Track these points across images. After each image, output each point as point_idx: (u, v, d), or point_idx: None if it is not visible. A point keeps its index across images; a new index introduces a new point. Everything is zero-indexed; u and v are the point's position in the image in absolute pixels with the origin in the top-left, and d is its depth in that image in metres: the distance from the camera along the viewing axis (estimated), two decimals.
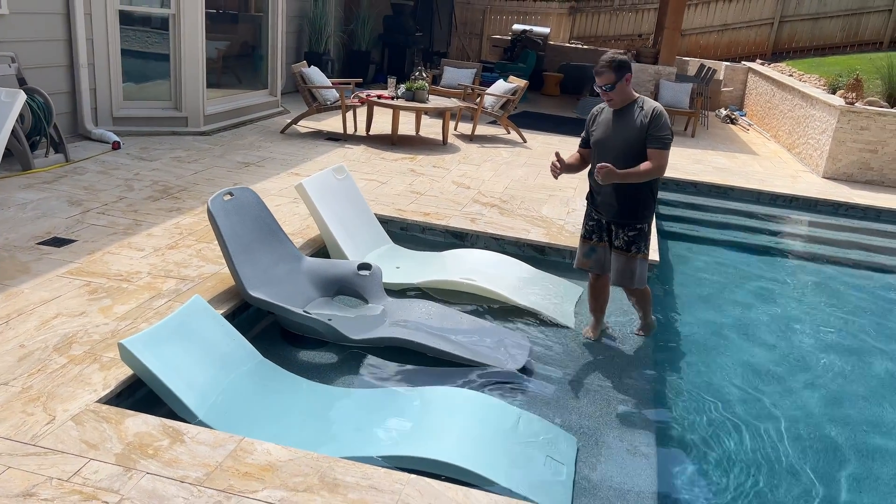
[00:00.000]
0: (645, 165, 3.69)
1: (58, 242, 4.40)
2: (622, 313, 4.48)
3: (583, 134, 4.05)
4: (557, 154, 3.87)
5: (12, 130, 5.56)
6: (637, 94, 3.81)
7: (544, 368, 3.80)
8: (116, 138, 6.83)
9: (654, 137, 3.69)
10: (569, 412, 3.43)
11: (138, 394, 3.03)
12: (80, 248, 4.35)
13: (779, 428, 3.55)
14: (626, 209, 3.85)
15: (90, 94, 6.99)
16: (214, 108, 8.05)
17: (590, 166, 3.99)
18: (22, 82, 6.01)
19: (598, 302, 4.27)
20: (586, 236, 4.10)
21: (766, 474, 3.19)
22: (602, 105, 3.93)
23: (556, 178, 3.92)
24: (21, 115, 5.72)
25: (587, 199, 4.09)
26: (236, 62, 9.38)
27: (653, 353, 4.15)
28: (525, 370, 3.72)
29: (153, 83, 7.66)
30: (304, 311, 3.81)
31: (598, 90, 3.75)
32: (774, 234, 6.97)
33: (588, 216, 4.08)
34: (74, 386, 2.90)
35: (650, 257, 4.28)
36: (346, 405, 3.24)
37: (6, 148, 5.55)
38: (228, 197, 4.02)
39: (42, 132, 5.97)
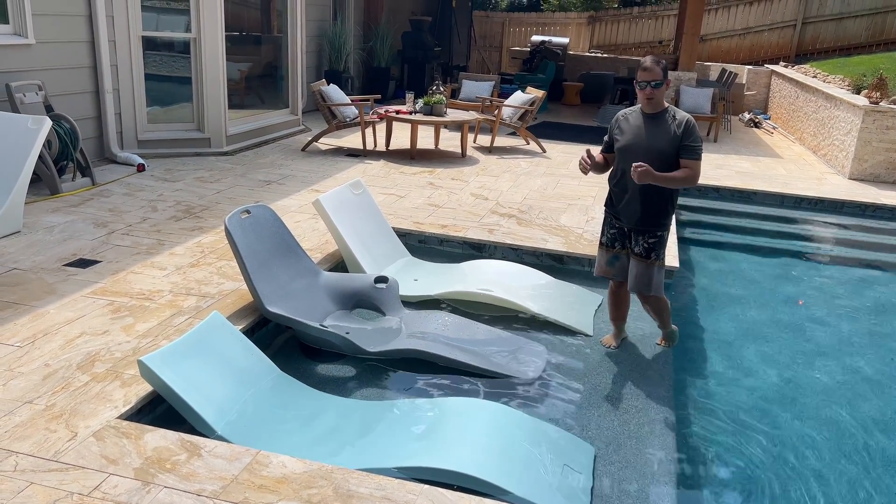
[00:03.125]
0: (681, 173, 3.69)
1: (83, 264, 4.51)
2: (642, 322, 4.45)
3: (605, 138, 4.02)
4: (589, 151, 3.81)
5: (40, 156, 5.73)
6: (666, 103, 3.81)
7: (562, 377, 3.79)
8: (141, 161, 6.99)
9: (689, 148, 3.69)
10: (587, 421, 3.41)
11: (159, 409, 3.08)
12: (105, 268, 4.45)
13: (804, 439, 3.49)
14: (648, 216, 3.83)
15: (115, 118, 7.16)
16: (236, 129, 8.20)
17: (610, 172, 3.99)
18: (49, 109, 6.19)
19: (619, 310, 4.24)
20: (608, 244, 4.07)
21: (791, 487, 3.13)
22: (627, 110, 3.90)
23: (585, 173, 3.87)
24: (48, 141, 5.89)
25: (606, 205, 4.07)
26: (258, 82, 9.54)
27: (673, 362, 4.11)
28: (542, 379, 3.71)
29: (176, 106, 7.83)
30: (321, 325, 3.84)
31: (640, 87, 3.70)
32: (800, 237, 6.87)
33: (609, 224, 4.05)
34: (96, 403, 2.96)
35: (668, 263, 4.27)
36: (363, 417, 3.26)
37: (35, 173, 5.72)
38: (245, 214, 4.09)
39: (69, 157, 6.13)
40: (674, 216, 3.97)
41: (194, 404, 2.96)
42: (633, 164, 3.62)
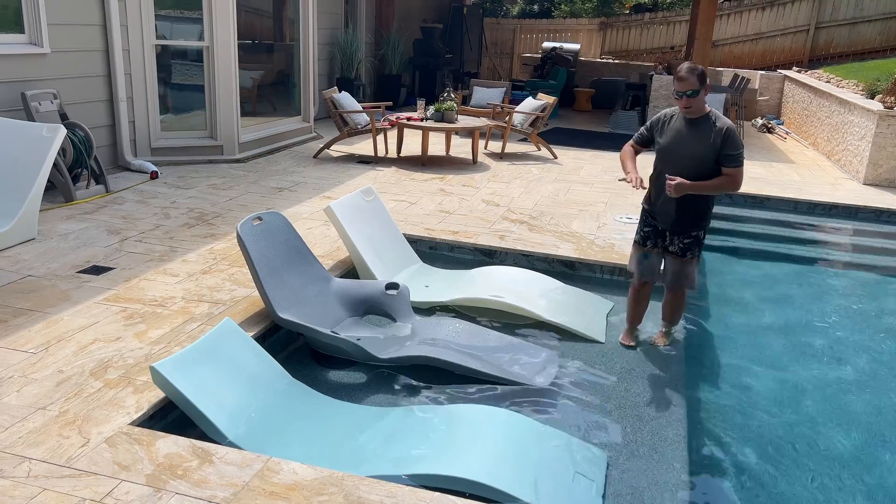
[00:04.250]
0: (719, 180, 3.75)
1: (97, 270, 4.54)
2: (655, 326, 4.42)
3: (643, 131, 4.04)
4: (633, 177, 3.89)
5: (55, 164, 5.78)
6: (709, 108, 3.83)
7: (574, 384, 3.77)
8: (154, 168, 7.04)
9: (730, 156, 3.73)
10: (598, 428, 3.39)
11: (171, 416, 3.09)
12: (118, 275, 4.48)
13: (817, 446, 3.45)
14: (683, 218, 3.91)
15: (129, 126, 7.22)
16: (249, 136, 8.24)
17: (652, 172, 4.03)
18: (64, 117, 6.25)
19: (637, 310, 4.29)
20: (641, 242, 4.15)
21: (805, 494, 3.10)
22: (671, 111, 3.95)
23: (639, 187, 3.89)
24: (63, 149, 5.94)
25: (643, 203, 4.13)
26: (270, 90, 9.61)
27: (686, 368, 4.08)
28: (554, 386, 3.69)
29: (190, 114, 7.89)
30: (332, 332, 3.85)
31: (676, 96, 3.75)
32: (813, 243, 6.82)
33: (644, 222, 4.12)
34: (109, 409, 2.98)
35: None
36: (374, 424, 3.25)
37: (49, 180, 5.77)
38: (257, 221, 4.10)
39: (83, 165, 6.19)
40: (711, 218, 4.03)
41: (206, 411, 2.97)
42: (667, 178, 3.73)
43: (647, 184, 3.94)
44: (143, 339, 3.63)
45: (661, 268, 4.16)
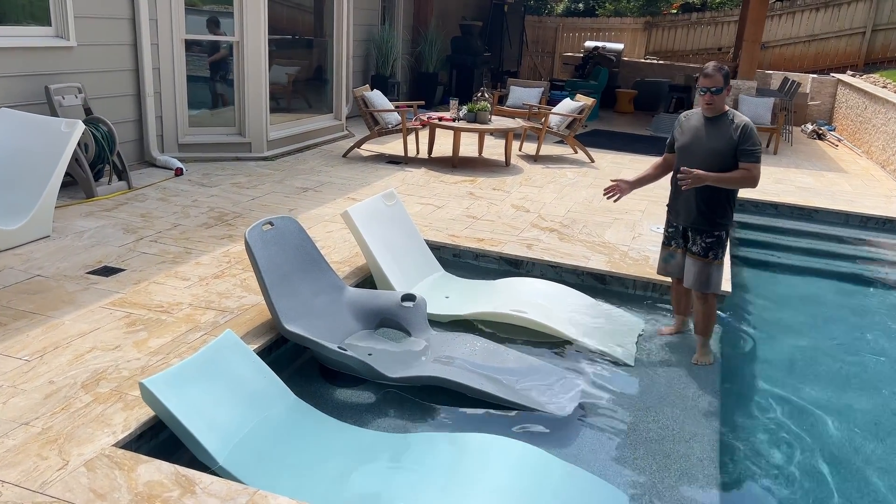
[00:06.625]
0: (737, 173, 3.76)
1: (107, 272, 4.40)
2: (689, 352, 4.12)
3: (669, 139, 4.11)
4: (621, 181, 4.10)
5: (76, 159, 5.69)
6: (727, 107, 3.87)
7: (597, 413, 3.49)
8: (180, 165, 6.93)
9: (748, 152, 3.75)
10: (621, 465, 3.11)
11: (162, 435, 2.91)
12: (128, 277, 4.33)
13: (867, 489, 3.12)
14: (703, 216, 3.90)
15: (156, 121, 7.12)
16: (278, 134, 8.09)
17: (673, 172, 4.02)
18: (88, 112, 6.16)
19: (679, 305, 4.36)
20: (666, 243, 4.20)
21: None
22: (689, 112, 4.02)
23: (615, 200, 4.15)
24: (85, 144, 5.85)
25: (668, 204, 4.14)
26: (304, 86, 9.46)
27: (722, 398, 3.76)
28: (575, 415, 3.42)
29: (218, 110, 7.77)
30: (340, 348, 3.63)
31: (701, 93, 3.79)
32: (865, 260, 6.38)
33: (668, 222, 4.16)
34: (94, 427, 2.80)
35: (722, 288, 4.12)
36: (378, 451, 3.03)
37: (71, 176, 5.68)
38: (268, 227, 3.91)
39: (105, 160, 6.09)
40: (733, 215, 3.98)
41: (196, 432, 2.77)
42: (682, 169, 3.74)
43: (624, 195, 4.10)
44: (142, 349, 3.46)
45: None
